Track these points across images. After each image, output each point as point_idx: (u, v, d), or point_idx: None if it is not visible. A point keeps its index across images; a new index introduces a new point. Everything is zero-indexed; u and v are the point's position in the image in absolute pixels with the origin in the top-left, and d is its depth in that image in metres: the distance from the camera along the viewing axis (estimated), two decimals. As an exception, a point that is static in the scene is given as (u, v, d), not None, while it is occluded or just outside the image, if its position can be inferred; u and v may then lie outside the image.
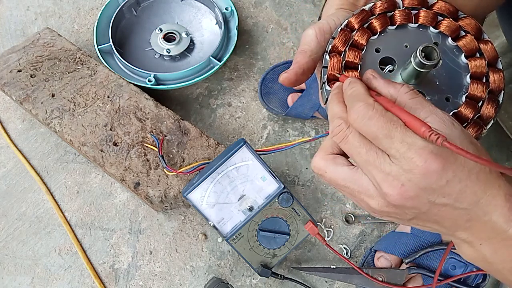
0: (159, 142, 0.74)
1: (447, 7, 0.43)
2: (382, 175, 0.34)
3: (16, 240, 0.78)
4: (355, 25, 0.44)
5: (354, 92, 0.37)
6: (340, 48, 0.43)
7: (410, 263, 0.69)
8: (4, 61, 0.83)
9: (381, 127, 0.34)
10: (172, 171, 0.71)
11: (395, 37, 0.43)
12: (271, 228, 0.67)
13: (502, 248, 0.36)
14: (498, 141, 0.85)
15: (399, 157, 0.33)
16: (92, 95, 0.80)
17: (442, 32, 0.43)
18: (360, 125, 0.35)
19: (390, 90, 0.37)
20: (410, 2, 0.43)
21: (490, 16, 0.80)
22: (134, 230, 0.79)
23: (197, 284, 0.75)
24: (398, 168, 0.33)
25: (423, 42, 0.41)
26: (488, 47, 0.44)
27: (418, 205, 0.35)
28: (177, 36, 0.92)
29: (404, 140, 0.33)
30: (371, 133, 0.35)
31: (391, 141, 0.33)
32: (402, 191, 0.34)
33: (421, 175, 0.33)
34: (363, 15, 0.43)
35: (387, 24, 0.43)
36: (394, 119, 0.34)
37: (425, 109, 0.35)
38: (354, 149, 0.36)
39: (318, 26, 0.45)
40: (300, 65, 0.44)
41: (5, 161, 0.84)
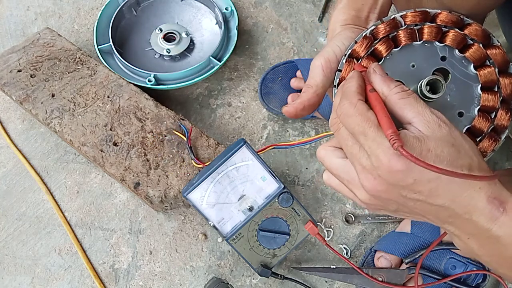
0: (188, 132, 0.74)
1: (450, 18, 0.43)
2: (360, 168, 0.37)
3: (16, 240, 0.78)
4: (360, 54, 0.43)
5: (347, 88, 0.40)
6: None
7: (410, 263, 0.69)
8: (4, 61, 0.83)
9: (358, 124, 0.37)
10: (199, 164, 0.71)
11: (401, 58, 0.43)
12: (271, 228, 0.67)
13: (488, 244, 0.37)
14: (498, 141, 0.85)
15: (370, 153, 0.36)
16: (92, 95, 0.80)
17: (448, 45, 0.42)
18: (343, 121, 0.38)
19: (383, 88, 0.39)
20: (412, 20, 0.43)
21: (490, 16, 0.80)
22: (134, 230, 0.79)
23: (197, 284, 0.76)
24: (370, 163, 0.36)
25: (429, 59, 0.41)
26: (497, 52, 0.42)
27: (392, 198, 0.37)
28: (177, 36, 0.92)
29: (375, 139, 0.36)
30: (350, 129, 0.38)
31: (365, 138, 0.36)
32: (374, 184, 0.37)
33: (387, 173, 0.35)
34: (367, 42, 0.43)
35: (391, 48, 0.43)
36: (371, 119, 0.36)
37: (413, 110, 0.37)
38: (343, 140, 0.39)
39: (324, 57, 0.45)
40: (302, 102, 0.46)
41: (5, 161, 0.84)
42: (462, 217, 0.36)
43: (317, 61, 0.46)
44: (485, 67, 0.42)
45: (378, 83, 0.39)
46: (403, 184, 0.35)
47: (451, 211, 0.36)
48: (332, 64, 0.45)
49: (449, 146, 0.35)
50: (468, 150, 0.36)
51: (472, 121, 0.41)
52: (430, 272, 0.68)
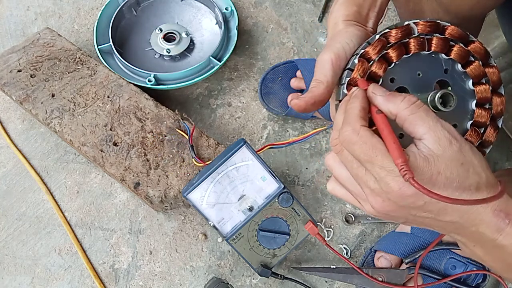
0: (190, 130, 0.74)
1: (459, 32, 0.44)
2: (368, 190, 0.38)
3: (16, 240, 0.78)
4: (372, 56, 0.43)
5: (350, 111, 0.39)
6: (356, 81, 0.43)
7: (410, 263, 0.69)
8: (4, 61, 0.83)
9: (363, 153, 0.36)
10: (200, 162, 0.71)
11: (408, 65, 0.43)
12: (271, 228, 0.67)
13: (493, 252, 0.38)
14: (498, 141, 0.85)
15: (379, 179, 0.36)
16: (92, 95, 0.80)
17: (453, 58, 0.43)
18: (347, 147, 0.38)
19: (389, 107, 0.38)
20: (423, 29, 0.43)
21: (490, 16, 0.80)
22: (134, 230, 0.79)
23: (197, 284, 0.76)
24: (379, 188, 0.36)
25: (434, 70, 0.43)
26: (493, 71, 0.44)
27: (402, 215, 0.38)
28: (177, 36, 0.92)
29: (383, 167, 0.36)
30: (355, 156, 0.38)
31: (372, 165, 0.36)
32: (384, 206, 0.37)
33: (398, 197, 0.36)
34: (381, 45, 0.43)
35: (403, 54, 0.43)
36: (377, 147, 0.36)
37: (424, 125, 0.36)
38: (347, 162, 0.39)
39: (334, 53, 0.44)
40: (313, 96, 0.44)
41: (5, 161, 0.84)
42: (469, 229, 0.37)
43: (326, 56, 0.44)
44: (481, 84, 0.44)
45: (383, 104, 0.38)
46: (413, 206, 0.36)
47: (458, 225, 0.37)
48: (341, 61, 0.44)
49: (459, 166, 0.35)
50: (476, 166, 0.36)
51: (465, 134, 0.43)
52: (430, 272, 0.68)
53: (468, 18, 0.59)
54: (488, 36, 0.85)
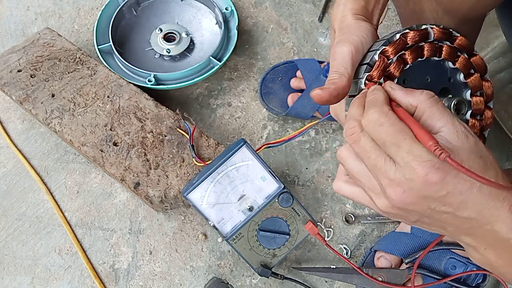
0: (191, 130, 0.74)
1: (466, 44, 0.45)
2: (387, 180, 0.36)
3: (16, 240, 0.78)
4: (390, 55, 0.43)
5: (374, 98, 0.39)
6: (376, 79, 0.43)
7: (410, 263, 0.69)
8: (4, 61, 0.83)
9: (390, 135, 0.35)
10: (200, 162, 0.71)
11: (419, 69, 0.44)
12: (271, 228, 0.68)
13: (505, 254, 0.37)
14: (498, 141, 0.85)
15: (403, 165, 0.35)
16: (92, 95, 0.80)
17: (457, 68, 0.45)
18: (372, 130, 0.37)
19: (409, 100, 0.38)
20: (439, 35, 0.44)
21: (490, 16, 0.80)
22: (134, 230, 0.79)
23: (197, 284, 0.76)
24: (401, 175, 0.35)
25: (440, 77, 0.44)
26: (489, 85, 0.46)
27: (419, 210, 0.37)
28: (177, 36, 0.92)
29: (410, 151, 0.35)
30: (380, 139, 0.36)
31: (398, 149, 0.35)
32: (404, 197, 0.36)
33: (422, 185, 0.34)
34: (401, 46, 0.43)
35: (418, 58, 0.44)
36: (405, 130, 0.35)
37: (442, 119, 0.36)
38: (364, 152, 0.38)
39: (354, 45, 0.43)
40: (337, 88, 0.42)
41: (5, 161, 0.84)
42: (483, 228, 0.36)
43: (345, 48, 0.43)
44: (477, 96, 0.46)
45: (403, 96, 0.38)
46: (435, 196, 0.35)
47: (474, 222, 0.36)
48: (360, 54, 0.44)
49: (478, 158, 0.36)
50: (493, 161, 0.37)
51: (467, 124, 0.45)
52: (430, 272, 0.68)
53: (468, 18, 0.59)
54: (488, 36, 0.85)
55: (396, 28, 0.97)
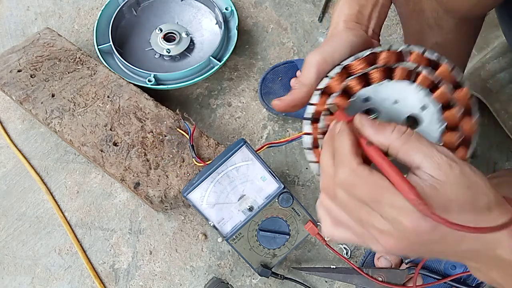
0: (191, 130, 0.74)
1: (449, 74, 0.41)
2: (376, 232, 0.35)
3: (16, 240, 0.78)
4: (356, 70, 0.42)
5: (339, 149, 0.36)
6: (333, 90, 0.42)
7: (410, 263, 0.69)
8: (4, 61, 0.83)
9: (367, 194, 0.34)
10: (200, 162, 0.71)
11: (387, 89, 0.41)
12: (271, 228, 0.67)
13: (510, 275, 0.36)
14: (498, 141, 0.85)
15: (390, 220, 0.33)
16: (92, 95, 0.80)
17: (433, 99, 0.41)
18: (347, 191, 0.35)
19: (380, 139, 0.35)
20: (416, 59, 0.41)
21: (490, 15, 0.80)
22: (134, 230, 0.79)
23: (197, 284, 0.76)
24: (390, 227, 0.34)
25: (413, 102, 0.41)
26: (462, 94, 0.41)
27: (417, 251, 0.36)
28: (177, 36, 0.92)
29: (393, 205, 0.33)
30: (358, 199, 0.34)
31: (379, 205, 0.33)
32: (398, 245, 0.34)
33: (413, 234, 0.33)
34: (366, 63, 0.42)
35: (384, 79, 0.41)
36: (381, 184, 0.33)
37: (419, 153, 0.34)
38: (344, 207, 0.36)
39: (323, 57, 0.43)
40: (293, 99, 0.43)
41: (5, 161, 0.84)
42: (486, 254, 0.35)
43: (313, 58, 0.43)
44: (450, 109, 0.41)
45: (374, 135, 0.35)
46: (429, 241, 0.34)
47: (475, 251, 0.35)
48: (328, 66, 0.43)
49: (466, 189, 0.33)
50: (482, 186, 0.34)
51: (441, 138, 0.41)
52: (430, 272, 0.68)
53: (468, 18, 0.59)
54: (488, 36, 0.85)
55: (396, 28, 0.97)
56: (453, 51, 0.65)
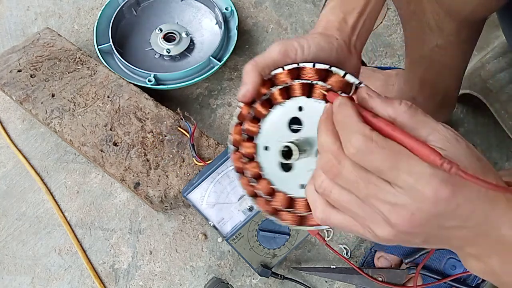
0: (192, 129, 0.74)
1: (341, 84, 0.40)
2: (388, 207, 0.33)
3: (16, 240, 0.78)
4: (281, 81, 0.41)
5: (346, 119, 0.34)
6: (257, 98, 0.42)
7: (410, 263, 0.69)
8: (4, 61, 0.83)
9: (385, 160, 0.32)
10: (201, 162, 0.71)
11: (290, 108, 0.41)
12: (271, 228, 0.67)
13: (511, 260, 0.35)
14: (498, 141, 0.85)
15: (407, 188, 0.32)
16: (92, 95, 0.80)
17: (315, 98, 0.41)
18: (361, 160, 0.33)
19: (388, 111, 0.34)
20: (310, 76, 0.41)
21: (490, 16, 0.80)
22: (134, 230, 0.79)
23: (197, 284, 0.76)
24: (405, 198, 0.32)
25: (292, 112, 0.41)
26: (335, 80, 0.40)
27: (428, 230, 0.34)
28: (177, 36, 0.92)
29: (411, 171, 0.31)
30: (374, 167, 0.32)
31: (397, 172, 0.32)
32: (412, 220, 0.32)
33: (432, 204, 0.31)
34: (294, 72, 0.41)
35: (305, 94, 0.41)
36: (398, 149, 0.32)
37: (426, 127, 0.33)
38: (350, 184, 0.34)
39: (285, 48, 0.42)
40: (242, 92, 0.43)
41: (5, 161, 0.84)
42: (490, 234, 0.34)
43: (277, 47, 0.42)
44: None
45: (381, 107, 0.34)
46: (446, 211, 0.32)
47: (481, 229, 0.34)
48: (288, 58, 0.42)
49: (476, 160, 0.33)
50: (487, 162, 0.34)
51: None
52: (430, 272, 0.68)
53: (469, 20, 0.59)
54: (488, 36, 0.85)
55: (396, 28, 0.97)
56: (454, 53, 0.65)
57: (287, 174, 0.42)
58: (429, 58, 0.65)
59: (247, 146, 0.44)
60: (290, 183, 0.41)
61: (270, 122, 0.43)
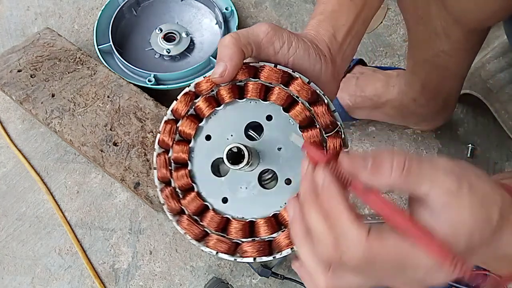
0: None
1: (306, 90, 0.37)
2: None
3: (16, 240, 0.78)
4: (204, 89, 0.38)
5: (335, 213, 0.30)
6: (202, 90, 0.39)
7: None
8: (4, 61, 0.83)
9: (389, 265, 0.29)
10: None
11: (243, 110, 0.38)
12: (271, 228, 0.67)
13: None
14: (498, 141, 0.85)
15: (417, 284, 0.30)
16: (92, 95, 0.80)
17: (273, 102, 0.38)
18: (362, 271, 0.30)
19: (381, 182, 0.30)
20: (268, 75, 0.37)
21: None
22: (134, 230, 0.79)
23: (197, 284, 0.76)
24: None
25: (257, 117, 0.38)
26: (320, 111, 0.37)
27: None
28: (177, 36, 0.92)
29: (418, 267, 0.29)
30: (376, 276, 0.30)
31: (405, 273, 0.29)
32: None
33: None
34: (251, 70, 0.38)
35: (213, 108, 0.38)
36: (400, 249, 0.29)
37: (425, 182, 0.30)
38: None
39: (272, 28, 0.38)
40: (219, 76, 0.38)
41: (5, 161, 0.84)
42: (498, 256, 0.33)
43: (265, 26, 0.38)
44: (310, 128, 0.38)
45: (371, 179, 0.30)
46: None
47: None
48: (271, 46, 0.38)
49: (480, 209, 0.30)
50: (490, 193, 0.31)
51: None
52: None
53: (477, 29, 0.58)
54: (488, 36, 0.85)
55: (396, 28, 0.97)
56: (459, 59, 0.64)
57: (218, 182, 0.38)
58: (433, 62, 0.64)
59: (178, 150, 0.39)
60: (218, 194, 0.38)
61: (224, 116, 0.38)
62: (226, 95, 0.38)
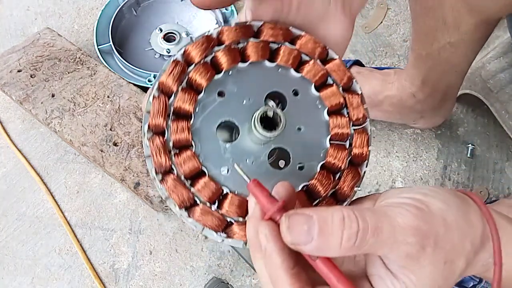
0: None
1: (316, 45, 0.34)
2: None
3: (16, 240, 0.78)
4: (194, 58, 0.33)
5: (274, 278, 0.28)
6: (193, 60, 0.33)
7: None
8: (4, 61, 0.83)
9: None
10: None
11: (247, 77, 0.33)
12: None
13: None
14: (498, 141, 0.85)
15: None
16: (92, 95, 0.80)
17: (304, 77, 0.34)
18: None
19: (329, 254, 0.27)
20: (270, 34, 0.33)
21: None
22: (134, 230, 0.79)
23: (197, 284, 0.76)
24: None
25: (284, 88, 0.33)
26: (355, 102, 0.34)
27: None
28: (177, 36, 0.92)
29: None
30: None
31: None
32: None
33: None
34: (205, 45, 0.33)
35: (238, 61, 0.33)
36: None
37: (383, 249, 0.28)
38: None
39: None
40: None
41: (5, 161, 0.84)
42: None
43: None
44: (339, 115, 0.34)
45: (317, 252, 0.27)
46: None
47: None
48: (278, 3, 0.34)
49: (442, 268, 0.29)
50: (457, 245, 0.29)
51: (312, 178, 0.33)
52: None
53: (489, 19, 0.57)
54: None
55: (396, 28, 0.97)
56: (464, 52, 0.63)
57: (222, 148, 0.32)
58: (437, 56, 0.64)
59: (183, 99, 0.32)
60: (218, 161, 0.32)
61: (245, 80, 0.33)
62: (254, 53, 0.33)
